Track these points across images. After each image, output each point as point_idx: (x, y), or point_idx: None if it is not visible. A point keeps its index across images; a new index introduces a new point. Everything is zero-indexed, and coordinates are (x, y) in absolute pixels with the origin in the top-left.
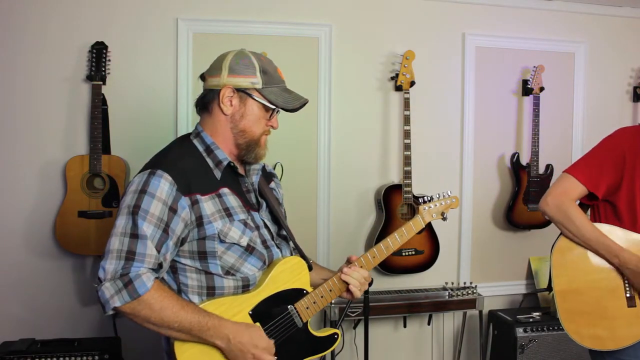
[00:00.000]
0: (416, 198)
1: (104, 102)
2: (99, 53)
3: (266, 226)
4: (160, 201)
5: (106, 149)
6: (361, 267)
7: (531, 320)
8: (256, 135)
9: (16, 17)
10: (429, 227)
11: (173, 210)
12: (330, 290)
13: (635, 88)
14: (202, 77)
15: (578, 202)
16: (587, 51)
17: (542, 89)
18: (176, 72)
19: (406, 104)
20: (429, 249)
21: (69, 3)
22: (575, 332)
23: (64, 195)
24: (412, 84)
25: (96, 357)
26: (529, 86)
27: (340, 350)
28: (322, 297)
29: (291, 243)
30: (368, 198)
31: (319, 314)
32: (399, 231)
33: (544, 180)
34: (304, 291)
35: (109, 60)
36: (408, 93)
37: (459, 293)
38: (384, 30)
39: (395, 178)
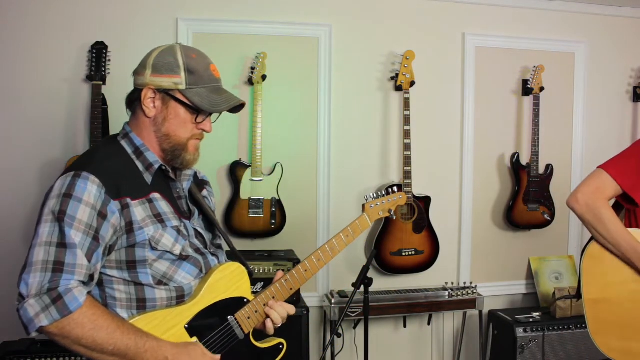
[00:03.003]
0: (416, 198)
1: (104, 102)
2: (99, 53)
3: (199, 234)
4: (89, 206)
5: None
6: (306, 270)
7: (531, 320)
8: (182, 140)
9: (16, 17)
10: (428, 227)
11: (102, 215)
12: (273, 297)
13: (635, 88)
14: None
15: (613, 201)
16: (587, 51)
17: (542, 89)
18: None
19: (406, 104)
20: (429, 249)
21: (69, 3)
22: (603, 344)
23: None
24: (412, 84)
25: None
26: (529, 86)
27: (340, 350)
28: (264, 305)
29: (227, 252)
30: None
31: (318, 315)
32: (344, 231)
33: (544, 180)
34: (245, 300)
35: (109, 60)
36: (408, 93)
37: (459, 293)
38: (384, 30)
39: (395, 178)
